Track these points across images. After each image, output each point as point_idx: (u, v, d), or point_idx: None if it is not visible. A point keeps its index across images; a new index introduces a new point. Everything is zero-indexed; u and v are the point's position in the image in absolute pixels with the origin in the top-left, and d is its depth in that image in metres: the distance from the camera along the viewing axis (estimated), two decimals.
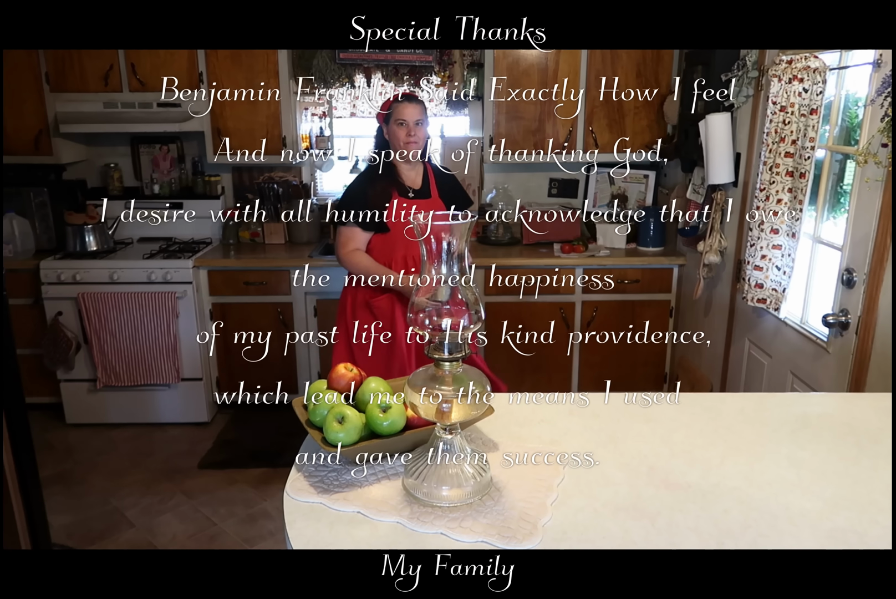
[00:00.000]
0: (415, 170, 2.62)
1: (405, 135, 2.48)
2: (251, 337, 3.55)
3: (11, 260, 3.45)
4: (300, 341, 3.57)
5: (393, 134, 2.50)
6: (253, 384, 3.65)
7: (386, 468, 1.15)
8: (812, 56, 2.22)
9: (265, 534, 2.72)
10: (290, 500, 1.08)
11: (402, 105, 2.48)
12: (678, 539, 0.98)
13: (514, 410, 1.40)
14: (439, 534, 0.98)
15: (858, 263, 2.06)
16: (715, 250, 2.94)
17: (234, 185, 3.96)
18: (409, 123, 2.47)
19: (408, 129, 2.47)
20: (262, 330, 3.54)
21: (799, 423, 1.35)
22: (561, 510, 1.04)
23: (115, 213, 3.77)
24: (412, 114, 2.47)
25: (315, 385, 1.24)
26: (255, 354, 3.58)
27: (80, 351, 3.44)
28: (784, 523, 1.02)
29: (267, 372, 3.62)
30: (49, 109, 3.47)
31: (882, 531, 1.00)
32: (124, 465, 3.23)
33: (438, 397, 1.02)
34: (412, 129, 2.47)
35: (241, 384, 3.65)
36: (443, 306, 1.04)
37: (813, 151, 2.23)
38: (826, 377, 2.25)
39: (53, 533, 2.35)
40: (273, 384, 3.64)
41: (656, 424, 1.34)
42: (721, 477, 1.15)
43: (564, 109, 3.48)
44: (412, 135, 2.48)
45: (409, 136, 2.48)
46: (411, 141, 2.49)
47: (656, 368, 3.69)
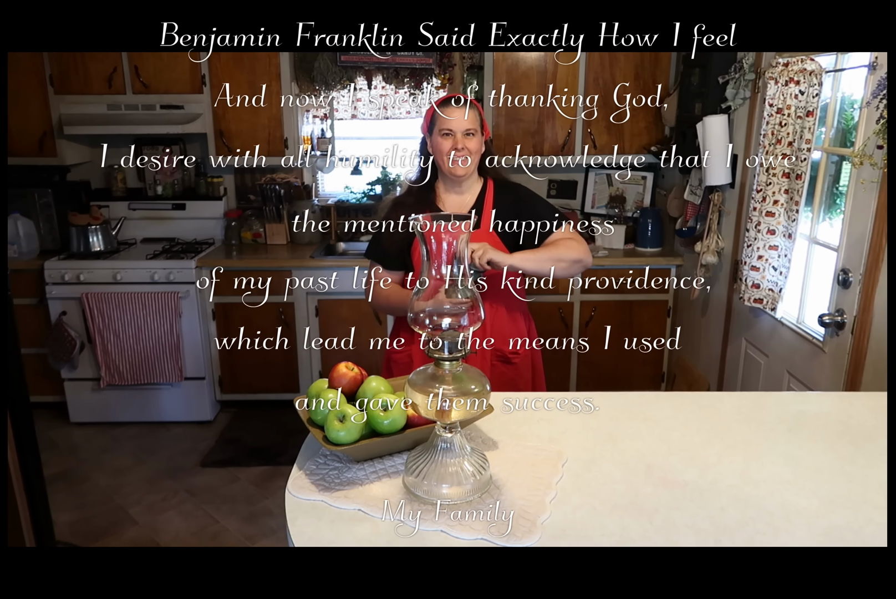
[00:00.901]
0: (465, 193, 2.00)
1: (450, 148, 1.89)
2: (253, 337, 3.56)
3: (16, 260, 3.45)
4: (301, 341, 3.57)
5: (436, 147, 1.92)
6: (255, 383, 3.65)
7: (386, 467, 1.15)
8: (808, 59, 2.22)
9: (267, 532, 2.72)
10: (291, 498, 1.08)
11: (446, 110, 1.89)
12: (675, 536, 0.98)
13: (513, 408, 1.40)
14: (439, 532, 0.98)
15: (854, 263, 2.06)
16: (712, 251, 2.94)
17: (236, 186, 3.96)
18: (455, 134, 1.88)
19: (454, 141, 1.88)
20: (263, 330, 3.55)
21: (795, 422, 1.35)
22: (560, 508, 1.04)
23: (118, 214, 3.78)
24: (459, 122, 1.87)
25: (316, 384, 1.24)
26: (256, 353, 3.58)
27: (84, 350, 3.44)
28: (780, 520, 1.02)
29: (269, 371, 3.62)
30: (53, 111, 3.47)
31: (877, 528, 1.00)
32: (127, 463, 3.23)
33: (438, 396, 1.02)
34: (459, 140, 1.88)
35: (244, 383, 3.66)
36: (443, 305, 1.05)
37: (809, 152, 2.23)
38: (822, 376, 2.25)
39: (57, 531, 2.35)
40: (275, 383, 3.65)
41: (654, 423, 1.34)
42: (718, 475, 1.15)
43: (563, 111, 3.48)
44: (460, 149, 1.88)
45: (457, 150, 1.88)
46: (459, 157, 1.89)
47: (654, 367, 3.69)
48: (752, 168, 2.60)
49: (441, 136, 1.89)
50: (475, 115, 1.91)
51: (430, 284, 1.04)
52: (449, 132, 1.88)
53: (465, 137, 1.89)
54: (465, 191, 2.00)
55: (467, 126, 1.89)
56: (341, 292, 3.49)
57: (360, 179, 4.02)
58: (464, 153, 1.89)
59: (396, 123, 3.94)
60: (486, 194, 1.99)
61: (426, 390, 1.03)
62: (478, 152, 1.93)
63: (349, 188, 4.05)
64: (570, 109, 3.48)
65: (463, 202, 2.00)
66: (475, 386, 1.04)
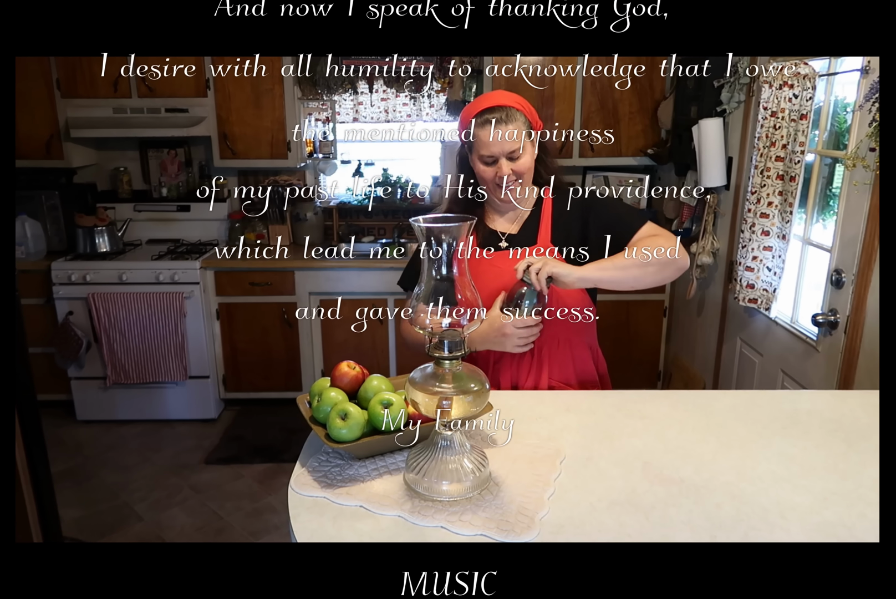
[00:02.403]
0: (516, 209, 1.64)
1: (494, 176, 1.53)
2: (256, 336, 3.56)
3: (24, 261, 3.45)
4: (304, 340, 3.57)
5: (479, 172, 1.56)
6: (258, 382, 3.65)
7: (387, 464, 1.15)
8: (802, 63, 2.22)
9: (270, 528, 2.72)
10: (294, 494, 1.08)
11: (483, 132, 1.50)
12: (672, 532, 0.98)
13: (512, 407, 1.40)
14: (439, 528, 0.98)
15: (847, 264, 2.06)
16: (708, 252, 2.94)
17: (239, 188, 3.96)
18: (499, 159, 1.51)
19: (498, 167, 1.51)
20: (267, 329, 3.55)
21: (789, 420, 1.35)
22: (558, 505, 1.04)
23: (124, 215, 3.78)
24: (501, 145, 1.49)
25: (319, 383, 1.24)
26: (260, 352, 3.59)
27: (91, 350, 3.44)
28: (775, 516, 1.02)
29: (272, 370, 3.62)
30: (60, 115, 3.47)
31: (870, 524, 1.00)
32: (133, 460, 3.23)
33: (439, 394, 1.02)
34: (504, 167, 1.50)
35: (247, 382, 3.66)
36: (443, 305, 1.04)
37: (803, 155, 2.23)
38: (816, 375, 2.24)
39: (64, 527, 2.35)
40: (277, 382, 3.65)
41: (650, 421, 1.34)
42: (713, 472, 1.15)
43: (561, 114, 3.48)
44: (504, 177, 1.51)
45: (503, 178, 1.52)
46: (510, 186, 1.53)
47: (650, 366, 3.69)
48: (746, 170, 2.60)
49: (482, 163, 1.53)
50: (519, 127, 1.50)
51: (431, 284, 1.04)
52: (490, 160, 1.52)
53: (510, 160, 1.51)
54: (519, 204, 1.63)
55: (511, 148, 1.49)
56: (343, 292, 3.49)
57: (361, 182, 4.02)
58: (512, 180, 1.53)
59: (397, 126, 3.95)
60: (544, 205, 1.63)
61: (427, 388, 1.03)
62: (530, 171, 1.56)
63: (351, 190, 4.05)
64: (567, 113, 3.48)
65: (515, 216, 1.64)
66: (475, 385, 1.04)
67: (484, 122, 1.50)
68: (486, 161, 1.52)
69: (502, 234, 1.62)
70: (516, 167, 1.51)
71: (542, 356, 1.60)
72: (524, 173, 1.54)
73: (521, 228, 1.63)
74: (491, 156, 1.51)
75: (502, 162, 1.50)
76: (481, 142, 1.50)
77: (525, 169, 1.53)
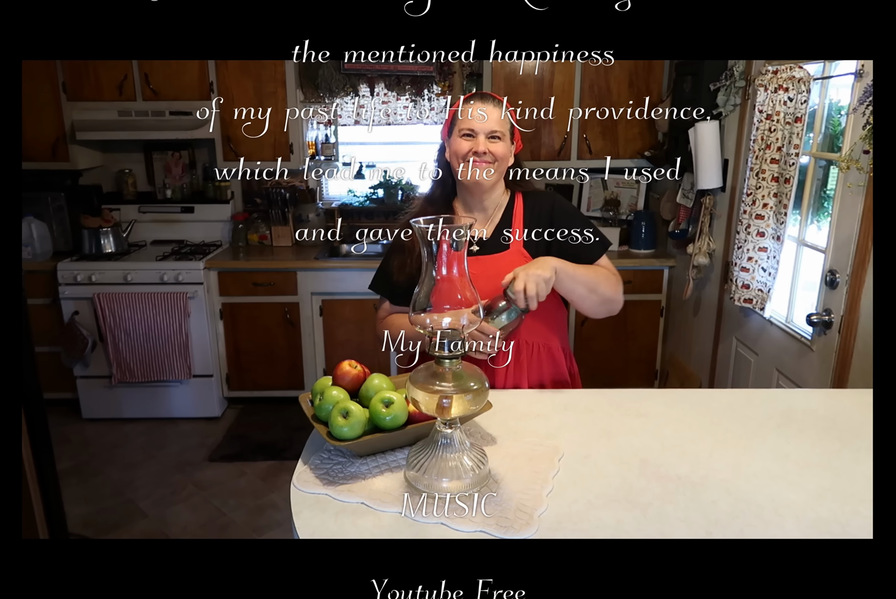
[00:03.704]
0: (489, 209, 1.61)
1: (468, 150, 1.50)
2: (259, 335, 3.56)
3: (30, 262, 3.45)
4: (306, 340, 3.57)
5: (454, 149, 1.52)
6: (261, 381, 3.65)
7: (388, 461, 1.15)
8: (797, 67, 2.22)
9: (273, 524, 2.72)
10: (296, 491, 1.08)
11: (469, 106, 1.51)
12: (668, 528, 0.98)
13: (511, 405, 1.40)
14: (439, 524, 0.98)
15: (841, 264, 2.06)
16: (704, 253, 2.94)
17: (242, 189, 3.96)
18: (478, 136, 1.50)
19: (475, 143, 1.50)
20: (269, 329, 3.55)
21: (784, 418, 1.35)
22: (556, 502, 1.04)
23: (129, 217, 3.79)
24: (484, 121, 1.49)
25: (321, 382, 1.24)
26: (262, 351, 3.59)
27: (96, 349, 3.44)
28: (770, 513, 1.02)
29: (274, 369, 3.62)
30: (66, 118, 3.47)
31: (863, 521, 1.00)
32: (138, 458, 3.23)
33: (439, 393, 1.02)
34: (482, 143, 1.49)
35: (250, 381, 3.66)
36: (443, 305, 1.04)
37: (797, 157, 2.23)
38: (810, 374, 2.24)
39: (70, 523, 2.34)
40: (280, 381, 3.65)
41: (647, 419, 1.34)
42: (709, 470, 1.15)
43: (559, 117, 3.48)
44: (482, 152, 1.49)
45: (477, 153, 1.49)
46: (479, 161, 1.50)
47: (647, 365, 3.69)
48: (742, 172, 2.60)
49: (461, 136, 1.51)
50: (505, 116, 1.52)
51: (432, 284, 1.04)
52: (470, 133, 1.50)
53: (489, 140, 1.50)
54: (489, 207, 1.61)
55: (493, 127, 1.49)
56: (345, 292, 3.49)
57: (362, 183, 4.02)
58: (486, 159, 1.50)
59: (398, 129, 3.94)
60: (515, 209, 1.61)
61: (427, 387, 1.03)
62: (504, 160, 1.54)
63: (352, 192, 4.05)
64: (565, 115, 3.48)
65: (486, 218, 1.61)
66: (474, 384, 1.04)
67: (471, 98, 1.53)
68: (465, 134, 1.51)
69: (472, 238, 1.57)
70: (494, 149, 1.50)
71: (521, 360, 1.59)
72: (498, 157, 1.51)
73: (492, 232, 1.60)
74: (471, 130, 1.50)
75: (481, 138, 1.50)
76: (464, 117, 1.51)
77: (500, 155, 1.51)
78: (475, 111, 1.50)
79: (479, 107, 1.51)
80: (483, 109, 1.50)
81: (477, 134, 1.50)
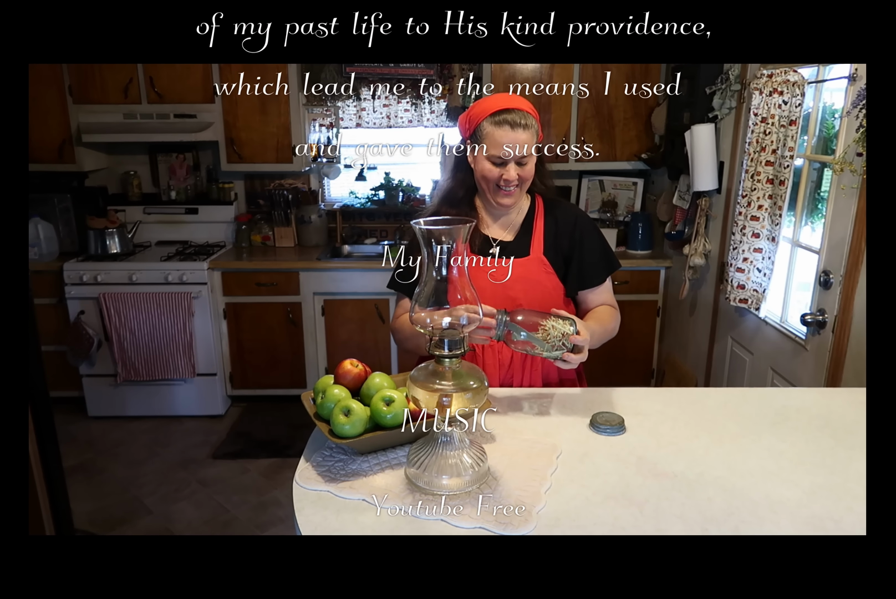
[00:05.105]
0: (511, 212, 1.58)
1: (499, 177, 1.46)
2: (262, 335, 3.56)
3: (37, 262, 3.45)
4: (308, 339, 3.57)
5: (482, 171, 1.47)
6: (264, 379, 3.65)
7: (389, 459, 1.15)
8: (791, 70, 2.22)
9: (275, 521, 2.72)
10: (298, 488, 1.08)
11: (500, 133, 1.42)
12: (665, 525, 0.98)
13: (510, 404, 1.40)
14: (439, 521, 0.99)
15: (835, 265, 2.06)
16: (700, 253, 2.94)
17: (246, 191, 3.96)
18: (509, 163, 1.44)
19: (507, 171, 1.44)
20: (272, 328, 3.55)
21: (779, 416, 1.35)
22: (554, 499, 1.04)
23: (134, 218, 3.79)
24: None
25: (322, 380, 1.24)
26: (266, 351, 3.59)
27: (102, 348, 3.44)
28: (765, 510, 1.02)
29: (277, 368, 3.62)
30: (72, 120, 3.47)
31: (857, 518, 1.00)
32: (143, 455, 3.23)
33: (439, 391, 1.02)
34: (512, 170, 1.44)
35: (253, 379, 3.66)
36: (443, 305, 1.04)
37: (792, 159, 2.23)
38: (804, 373, 2.24)
39: (76, 520, 2.35)
40: (283, 379, 3.65)
41: (644, 417, 1.34)
42: (705, 467, 1.15)
43: (558, 120, 3.49)
44: (512, 180, 1.45)
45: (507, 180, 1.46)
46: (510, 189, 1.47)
47: (644, 364, 3.69)
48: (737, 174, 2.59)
49: (490, 162, 1.45)
50: (533, 134, 1.45)
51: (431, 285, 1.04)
52: (499, 161, 1.44)
53: (518, 165, 1.45)
54: (512, 211, 1.58)
55: (524, 154, 1.43)
56: (346, 292, 3.49)
57: (364, 185, 4.02)
58: (514, 184, 1.47)
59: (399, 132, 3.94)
60: (536, 214, 1.59)
61: (427, 385, 1.03)
62: (531, 177, 1.50)
63: (354, 193, 4.05)
64: (564, 119, 3.48)
65: (509, 222, 1.58)
66: (474, 382, 1.04)
67: (501, 121, 1.42)
68: (494, 161, 1.45)
69: (494, 240, 1.56)
70: (523, 173, 1.46)
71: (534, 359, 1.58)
72: (528, 179, 1.49)
73: (515, 236, 1.57)
74: (501, 158, 1.43)
75: (511, 166, 1.44)
76: (495, 141, 1.42)
77: (530, 175, 1.48)
78: (505, 137, 1.42)
79: (509, 135, 1.41)
80: (515, 136, 1.41)
81: (508, 161, 1.44)
